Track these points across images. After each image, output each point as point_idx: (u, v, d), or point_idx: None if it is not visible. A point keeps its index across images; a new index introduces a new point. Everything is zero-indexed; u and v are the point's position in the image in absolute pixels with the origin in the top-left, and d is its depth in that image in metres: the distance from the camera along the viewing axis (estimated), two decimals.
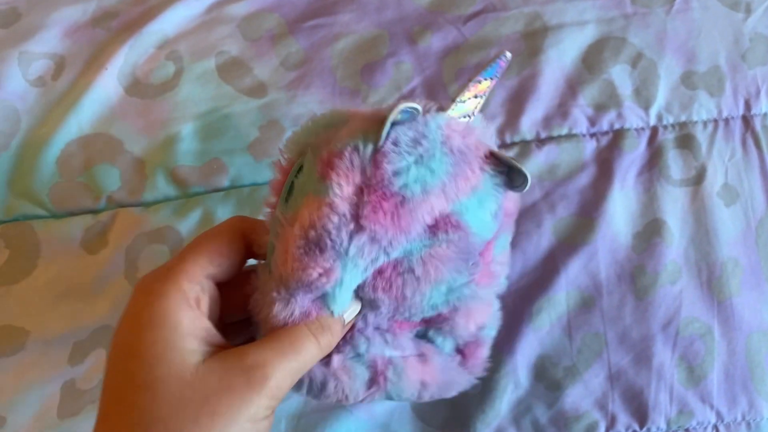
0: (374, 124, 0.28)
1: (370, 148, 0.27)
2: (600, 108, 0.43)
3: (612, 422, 0.40)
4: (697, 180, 0.43)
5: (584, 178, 0.43)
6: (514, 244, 0.41)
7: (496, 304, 0.34)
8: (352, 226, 0.27)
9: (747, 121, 0.44)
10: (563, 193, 0.42)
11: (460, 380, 0.34)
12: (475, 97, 0.30)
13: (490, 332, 0.35)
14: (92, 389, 0.39)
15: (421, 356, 0.32)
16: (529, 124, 0.43)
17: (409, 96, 0.44)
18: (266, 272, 0.29)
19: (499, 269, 0.33)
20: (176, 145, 0.43)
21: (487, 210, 0.30)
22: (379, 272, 0.29)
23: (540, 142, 0.43)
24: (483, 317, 0.33)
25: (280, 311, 0.28)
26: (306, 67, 0.44)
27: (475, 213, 0.29)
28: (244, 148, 0.43)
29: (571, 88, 0.44)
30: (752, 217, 0.43)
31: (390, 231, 0.28)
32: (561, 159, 0.43)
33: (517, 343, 0.40)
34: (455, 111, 0.30)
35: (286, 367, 0.27)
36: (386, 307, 0.30)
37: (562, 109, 0.43)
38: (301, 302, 0.28)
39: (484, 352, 0.34)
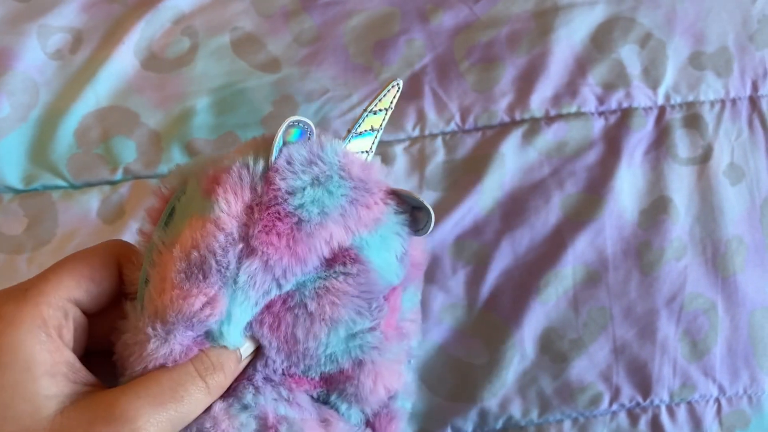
0: (265, 143, 0.26)
1: (261, 163, 0.25)
2: (609, 87, 0.44)
3: (616, 394, 0.41)
4: (703, 159, 0.43)
5: (592, 156, 0.43)
6: (523, 220, 0.42)
7: (408, 372, 0.30)
8: (241, 247, 0.24)
9: (754, 101, 0.45)
10: (571, 170, 0.43)
11: None
12: (371, 130, 0.29)
13: (405, 404, 0.30)
14: None
15: (324, 421, 0.27)
16: (538, 101, 0.44)
17: (420, 73, 0.44)
18: (137, 311, 0.25)
19: (410, 327, 0.30)
20: (191, 118, 0.43)
21: (391, 250, 0.27)
22: (267, 306, 0.25)
23: (549, 119, 0.44)
24: (393, 380, 0.29)
25: (156, 350, 0.24)
26: (319, 44, 0.45)
27: (378, 251, 0.26)
28: (257, 122, 0.43)
29: (581, 67, 0.44)
30: (757, 196, 0.43)
31: (285, 258, 0.24)
32: (569, 136, 0.43)
33: (524, 315, 0.41)
34: (351, 143, 0.28)
35: (163, 418, 0.22)
36: (275, 353, 0.26)
37: (571, 88, 0.44)
38: (182, 340, 0.24)
39: (398, 427, 0.29)
